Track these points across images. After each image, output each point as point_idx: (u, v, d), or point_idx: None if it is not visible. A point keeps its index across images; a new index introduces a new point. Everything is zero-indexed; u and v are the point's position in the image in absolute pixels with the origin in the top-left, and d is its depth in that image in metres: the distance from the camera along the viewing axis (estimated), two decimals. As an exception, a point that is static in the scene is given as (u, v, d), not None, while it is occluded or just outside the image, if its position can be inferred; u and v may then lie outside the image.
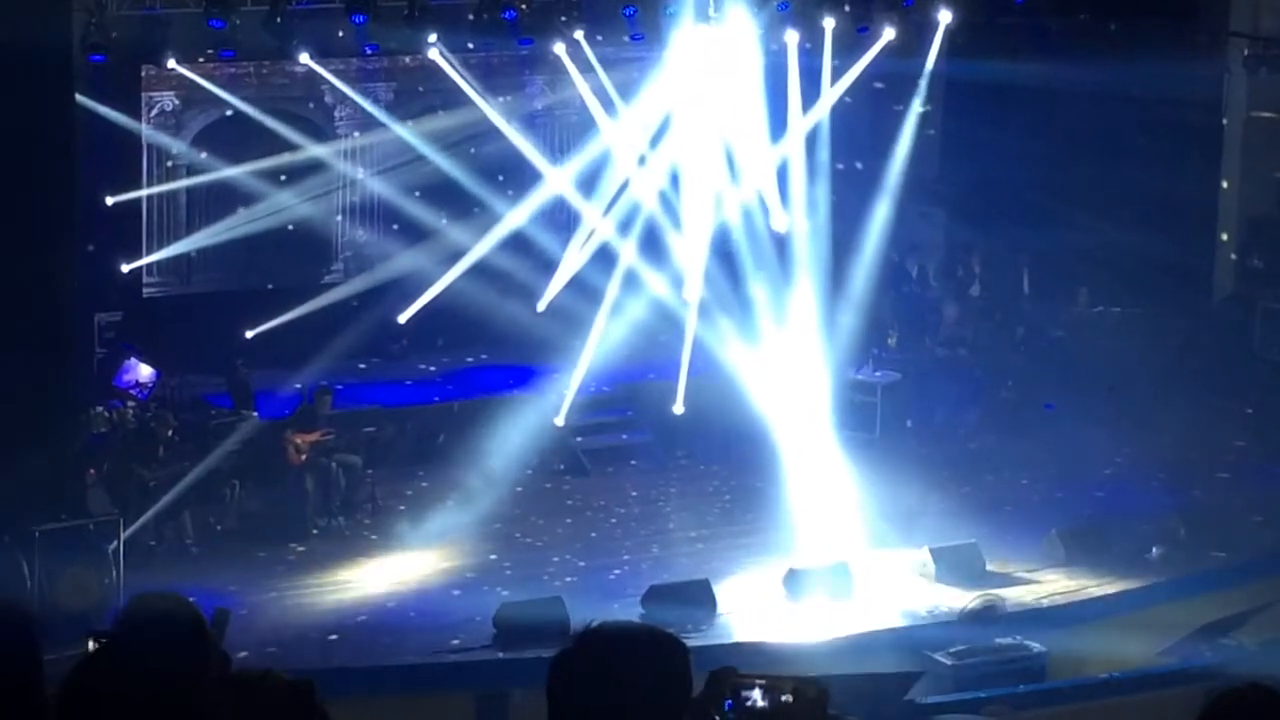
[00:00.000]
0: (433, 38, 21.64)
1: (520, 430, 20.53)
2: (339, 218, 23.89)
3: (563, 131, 24.13)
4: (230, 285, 23.17)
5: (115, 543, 17.12)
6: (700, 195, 22.64)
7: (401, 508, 20.22)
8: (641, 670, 3.89)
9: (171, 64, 21.64)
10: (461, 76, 22.39)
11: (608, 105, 22.96)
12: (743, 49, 22.20)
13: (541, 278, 23.23)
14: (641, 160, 22.82)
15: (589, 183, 23.18)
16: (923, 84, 23.34)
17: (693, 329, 22.13)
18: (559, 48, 22.08)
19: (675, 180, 22.75)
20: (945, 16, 22.75)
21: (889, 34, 22.75)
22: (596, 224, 22.93)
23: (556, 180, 23.18)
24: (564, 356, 22.27)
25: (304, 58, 21.75)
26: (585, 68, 22.63)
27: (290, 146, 22.75)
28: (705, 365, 22.04)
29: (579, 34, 21.95)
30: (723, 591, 17.67)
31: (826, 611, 17.65)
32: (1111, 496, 20.14)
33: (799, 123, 22.93)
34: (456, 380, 23.14)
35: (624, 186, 22.87)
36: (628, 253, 22.68)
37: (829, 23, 22.43)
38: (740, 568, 18.51)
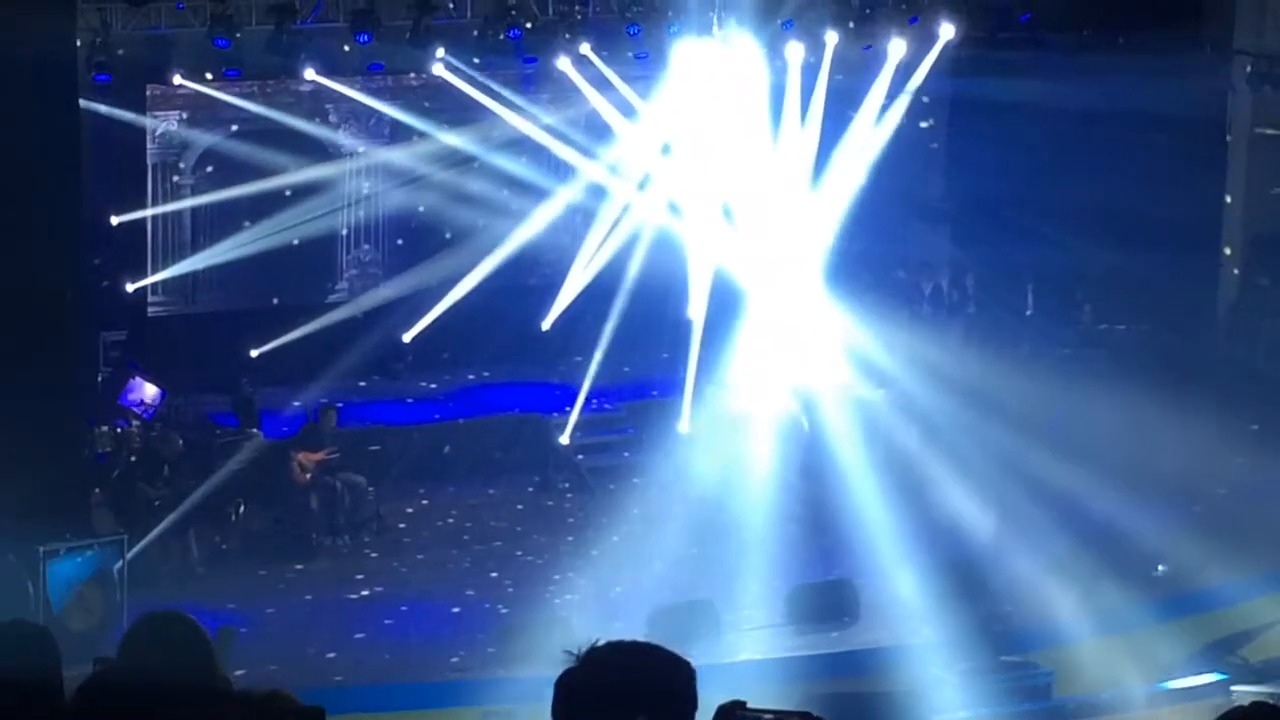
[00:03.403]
0: (440, 52, 21.66)
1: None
2: (343, 236, 23.91)
3: (568, 146, 24.08)
4: (235, 304, 23.18)
5: (120, 562, 17.13)
6: (705, 211, 22.68)
7: (404, 525, 20.23)
8: (646, 689, 3.90)
9: (178, 79, 21.66)
10: (468, 91, 22.37)
11: (607, 127, 23.00)
12: (748, 66, 22.24)
13: (546, 295, 23.25)
14: (647, 177, 22.85)
15: (594, 199, 23.21)
16: (909, 94, 23.32)
17: (697, 347, 22.15)
18: (563, 62, 22.09)
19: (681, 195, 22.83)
20: (947, 31, 22.80)
21: (899, 51, 22.79)
22: (602, 240, 22.96)
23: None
24: (568, 374, 22.29)
25: (310, 73, 21.77)
26: (588, 83, 22.66)
27: (294, 165, 22.78)
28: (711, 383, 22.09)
29: (585, 47, 21.97)
30: (726, 610, 17.67)
31: (830, 629, 17.64)
32: (1116, 513, 20.10)
33: (796, 136, 22.91)
34: (460, 398, 23.15)
35: (637, 194, 22.90)
36: (633, 269, 22.71)
37: (831, 38, 22.46)
38: (743, 585, 18.49)
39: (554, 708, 3.95)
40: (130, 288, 22.34)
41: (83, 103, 18.45)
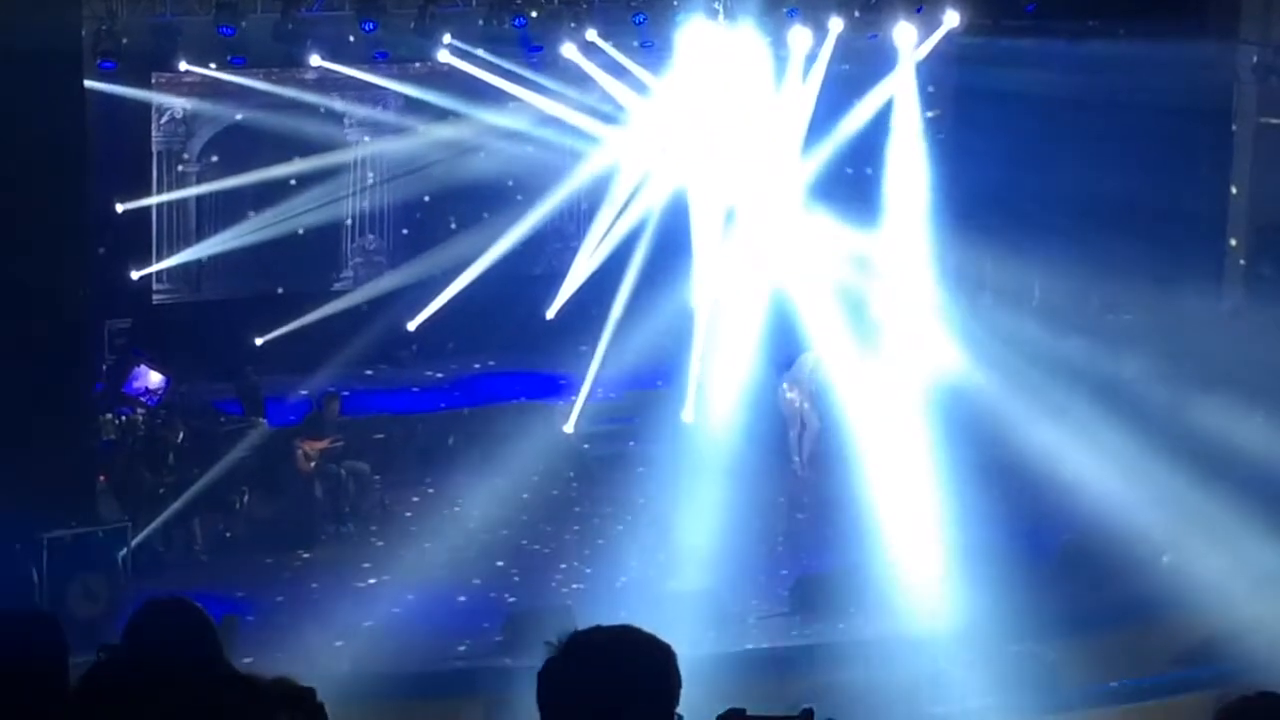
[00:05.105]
0: (447, 38, 21.64)
1: None
2: (348, 224, 23.92)
3: (573, 135, 24.05)
4: (240, 292, 23.21)
5: (124, 549, 17.14)
6: (710, 199, 22.68)
7: (410, 514, 20.23)
8: (628, 674, 3.91)
9: (183, 66, 21.65)
10: (476, 73, 22.32)
11: (616, 113, 22.98)
12: (753, 54, 22.24)
13: (551, 284, 23.25)
14: (653, 164, 22.84)
15: (600, 188, 23.20)
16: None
17: (702, 335, 22.14)
18: (569, 49, 22.06)
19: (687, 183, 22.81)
20: (952, 19, 22.79)
21: (909, 41, 22.76)
22: (607, 229, 22.95)
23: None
24: (573, 363, 22.29)
25: (315, 59, 21.75)
26: (592, 71, 22.63)
27: (300, 153, 22.78)
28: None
29: (592, 34, 21.95)
30: (732, 599, 17.67)
31: (836, 618, 17.64)
32: (1122, 504, 20.07)
33: (794, 119, 22.90)
34: (465, 387, 23.16)
35: (635, 191, 22.90)
36: (638, 258, 22.70)
37: (835, 24, 22.43)
38: (750, 575, 18.49)
39: (539, 699, 3.96)
40: (135, 275, 22.37)
41: (88, 84, 18.43)
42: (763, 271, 22.50)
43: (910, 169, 23.45)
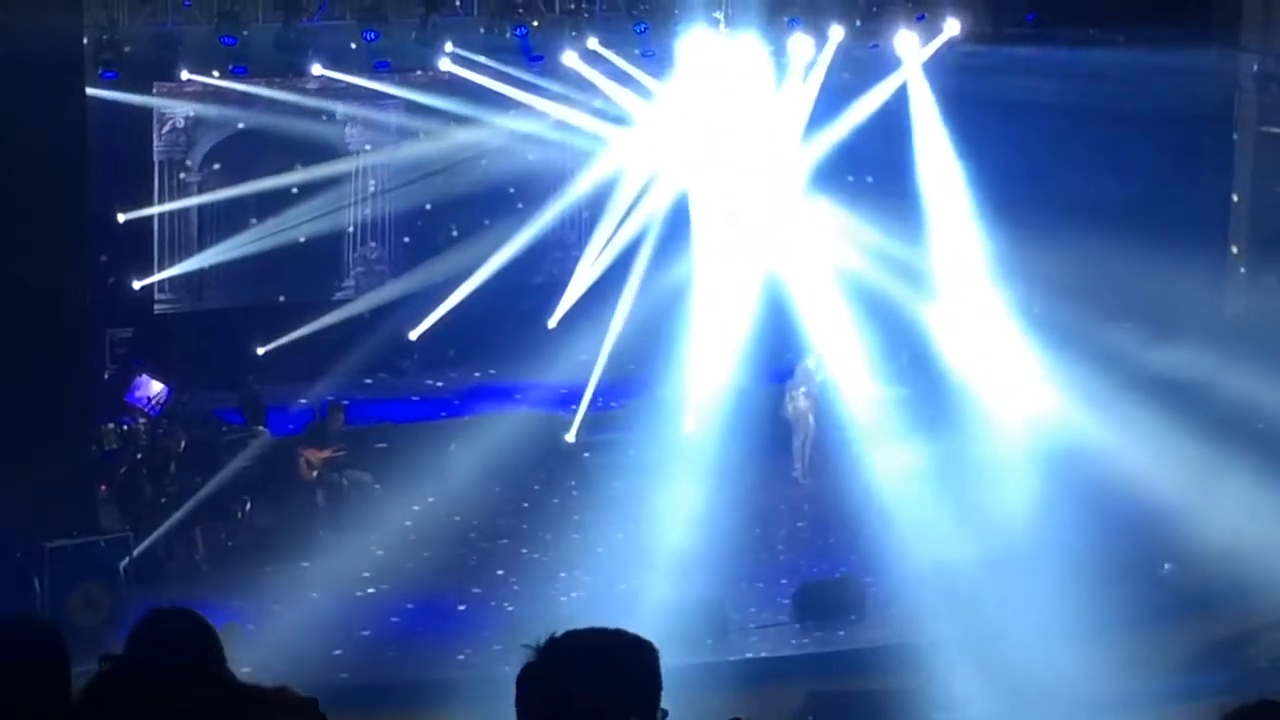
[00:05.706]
0: (448, 47, 21.66)
1: None
2: (350, 232, 23.92)
3: (574, 142, 24.08)
4: (242, 301, 23.20)
5: (126, 558, 17.14)
6: (711, 204, 22.70)
7: (410, 523, 20.23)
8: (609, 674, 3.89)
9: (185, 75, 21.66)
10: (478, 80, 22.32)
11: (618, 119, 22.99)
12: (754, 62, 22.26)
13: (552, 293, 23.25)
14: (655, 170, 22.85)
15: (601, 197, 23.21)
16: (916, 83, 23.31)
17: (702, 344, 22.14)
18: (570, 57, 22.06)
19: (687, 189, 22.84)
20: (953, 27, 22.81)
21: (911, 50, 22.78)
22: (608, 238, 22.96)
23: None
24: (574, 372, 22.29)
25: (317, 69, 21.76)
26: (593, 78, 22.65)
27: (301, 162, 22.79)
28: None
29: (593, 42, 21.97)
30: (733, 607, 17.66)
31: (838, 626, 17.63)
32: (1123, 512, 20.07)
33: (792, 128, 22.92)
34: (466, 396, 23.15)
35: (636, 200, 22.90)
36: (639, 267, 22.71)
37: (836, 32, 22.45)
38: (750, 583, 18.48)
39: (518, 703, 3.95)
40: (137, 285, 22.37)
41: (90, 93, 18.44)
42: (762, 276, 22.52)
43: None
